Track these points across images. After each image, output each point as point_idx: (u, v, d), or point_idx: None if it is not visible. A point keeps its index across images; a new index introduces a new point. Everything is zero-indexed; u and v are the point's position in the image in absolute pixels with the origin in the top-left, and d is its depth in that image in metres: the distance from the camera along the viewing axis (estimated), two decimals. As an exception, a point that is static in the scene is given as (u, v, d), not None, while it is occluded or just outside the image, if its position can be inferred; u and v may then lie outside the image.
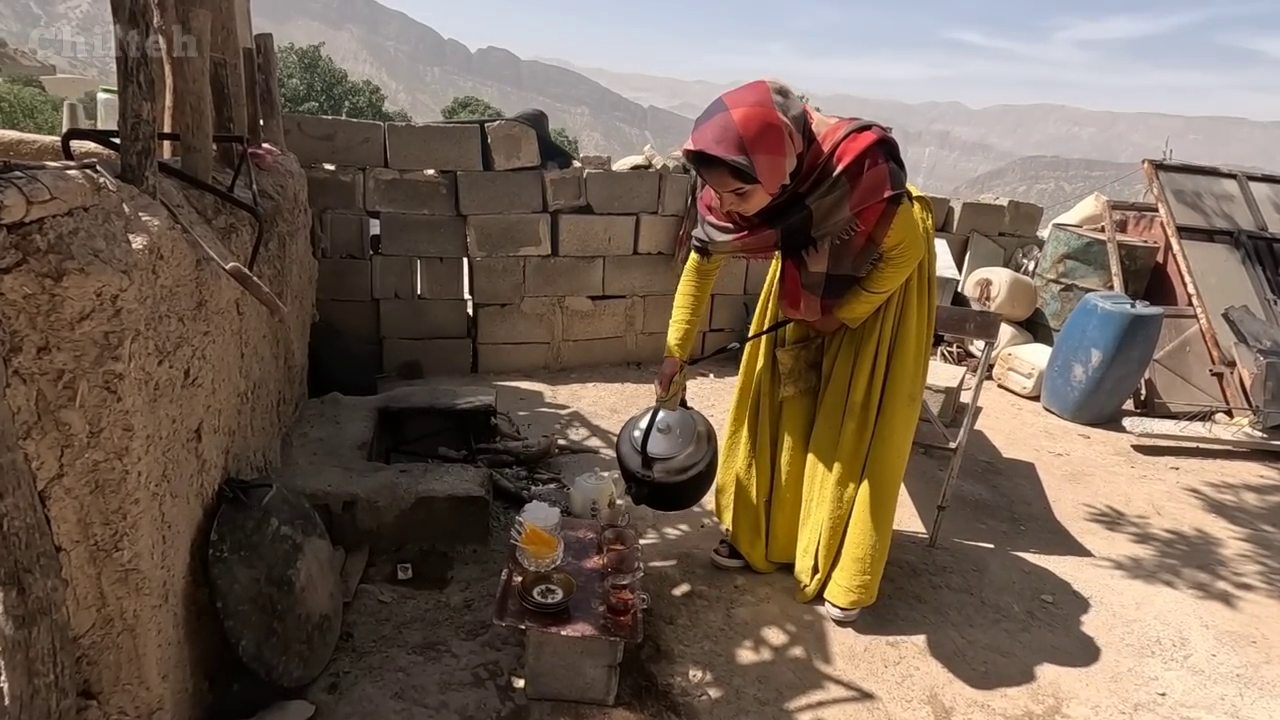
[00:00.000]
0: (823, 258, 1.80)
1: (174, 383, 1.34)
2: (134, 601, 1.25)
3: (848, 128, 1.68)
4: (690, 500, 2.19)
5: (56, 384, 1.09)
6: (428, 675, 1.75)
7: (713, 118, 1.59)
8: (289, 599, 1.62)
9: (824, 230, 1.74)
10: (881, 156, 1.67)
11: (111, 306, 1.10)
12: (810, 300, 1.89)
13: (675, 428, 2.01)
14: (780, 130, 1.58)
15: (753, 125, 1.56)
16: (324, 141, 3.45)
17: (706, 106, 1.64)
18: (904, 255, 1.80)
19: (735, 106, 1.58)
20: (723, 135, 1.56)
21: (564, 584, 1.73)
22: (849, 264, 1.80)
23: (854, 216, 1.71)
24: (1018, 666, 2.00)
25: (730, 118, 1.56)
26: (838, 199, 1.68)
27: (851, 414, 1.99)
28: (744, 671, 1.88)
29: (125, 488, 1.18)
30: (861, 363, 1.97)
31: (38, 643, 1.12)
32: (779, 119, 1.58)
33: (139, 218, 1.24)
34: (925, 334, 1.99)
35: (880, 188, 1.67)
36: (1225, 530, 2.95)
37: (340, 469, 2.27)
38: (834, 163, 1.66)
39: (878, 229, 1.74)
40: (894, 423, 1.98)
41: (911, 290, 1.93)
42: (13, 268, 1.01)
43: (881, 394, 1.97)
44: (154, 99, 1.29)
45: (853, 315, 1.92)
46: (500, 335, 3.96)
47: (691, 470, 2.00)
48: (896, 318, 1.94)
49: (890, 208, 1.71)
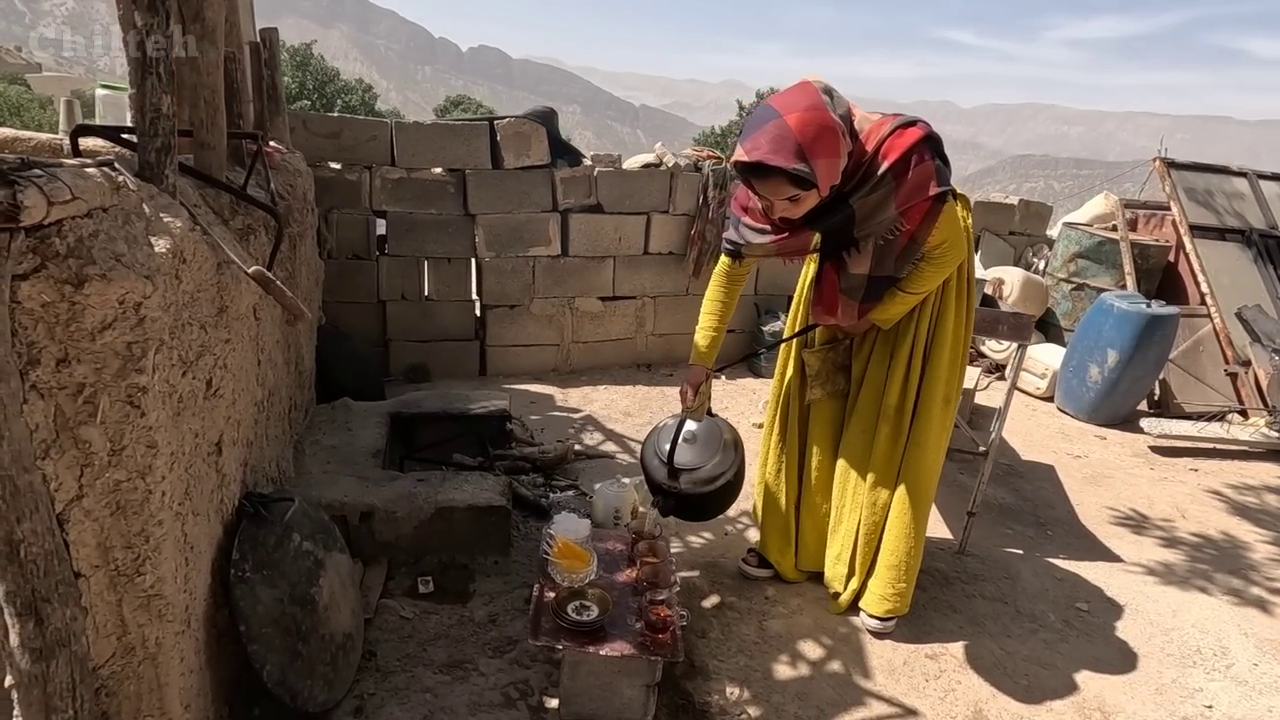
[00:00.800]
0: (865, 259, 1.73)
1: (196, 394, 1.26)
2: (156, 628, 1.17)
3: (892, 123, 1.62)
4: (717, 510, 2.11)
5: (76, 399, 1.01)
6: (456, 696, 1.67)
7: (764, 126, 1.53)
8: (312, 619, 1.55)
9: (867, 230, 1.68)
10: (928, 153, 1.61)
11: (134, 315, 1.02)
12: (848, 306, 1.83)
13: (701, 436, 1.95)
14: (835, 132, 1.53)
15: (809, 130, 1.50)
16: (329, 139, 3.36)
17: (754, 112, 1.58)
18: (946, 255, 1.75)
19: (789, 112, 1.51)
20: (780, 144, 1.50)
21: (599, 600, 1.66)
22: (891, 265, 1.74)
23: (899, 215, 1.65)
24: (1060, 679, 1.94)
25: (786, 124, 1.50)
26: (882, 197, 1.62)
27: (886, 418, 1.93)
28: (782, 688, 1.82)
29: (148, 508, 1.10)
30: (896, 366, 1.91)
31: (56, 677, 1.05)
32: (833, 120, 1.53)
33: (160, 219, 1.16)
34: (963, 337, 1.93)
35: (926, 185, 1.61)
36: (1251, 533, 2.91)
37: (356, 478, 2.19)
38: (879, 160, 1.61)
39: (921, 228, 1.68)
40: (929, 427, 1.92)
41: (950, 291, 1.86)
42: (30, 274, 0.94)
43: (916, 397, 1.91)
44: (174, 92, 1.21)
45: (886, 316, 1.86)
46: (509, 337, 3.88)
47: (719, 480, 1.92)
48: (933, 319, 1.88)
49: (936, 206, 1.65)
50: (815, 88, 1.56)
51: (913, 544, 1.96)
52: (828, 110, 1.53)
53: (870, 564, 2.03)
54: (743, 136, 1.57)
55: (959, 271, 1.86)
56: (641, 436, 3.27)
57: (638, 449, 3.14)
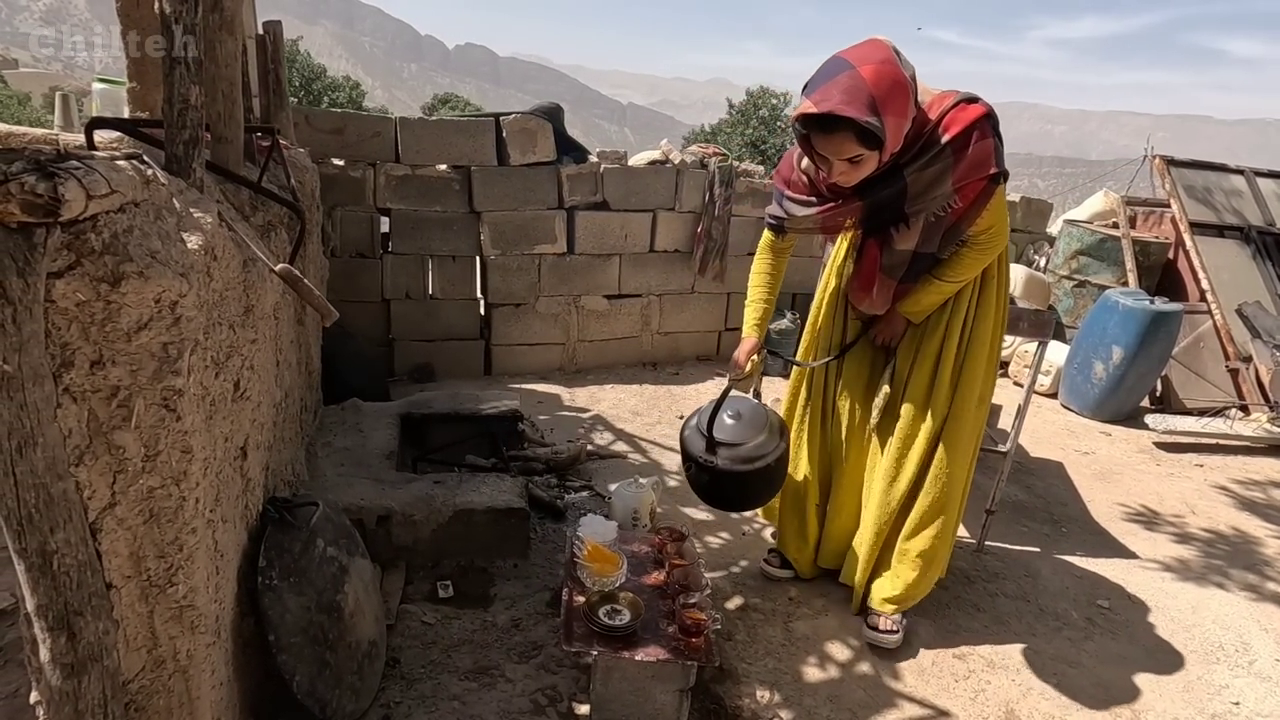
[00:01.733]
0: (913, 235, 1.67)
1: (226, 396, 1.21)
2: (188, 640, 1.13)
3: (956, 97, 1.58)
4: (753, 498, 1.99)
5: (111, 402, 0.96)
6: (485, 704, 1.63)
7: (835, 77, 1.45)
8: (339, 626, 1.50)
9: (919, 205, 1.62)
10: (990, 130, 1.56)
11: (171, 314, 0.98)
12: (885, 284, 1.77)
13: (746, 415, 1.84)
14: (907, 90, 1.46)
15: (884, 83, 1.43)
16: (333, 135, 3.30)
17: (823, 65, 1.50)
18: (991, 241, 1.70)
19: (863, 63, 1.44)
20: (853, 95, 1.42)
21: (631, 604, 1.63)
22: (935, 242, 1.68)
23: (954, 192, 1.59)
24: (1088, 678, 1.93)
25: (859, 75, 1.43)
26: (940, 171, 1.57)
27: (908, 415, 1.88)
28: (813, 690, 1.79)
29: (182, 516, 1.06)
30: (922, 362, 1.86)
31: (88, 693, 1.00)
32: (906, 77, 1.46)
33: (191, 214, 1.11)
34: (999, 333, 1.89)
35: (986, 163, 1.57)
36: (1262, 529, 2.92)
37: (372, 481, 2.14)
38: (939, 132, 1.55)
39: (972, 208, 1.62)
40: (962, 427, 1.86)
41: (990, 284, 1.81)
42: (65, 271, 0.89)
43: (952, 396, 1.87)
44: (202, 83, 1.17)
45: (917, 309, 1.81)
46: (514, 336, 3.83)
47: (759, 461, 1.79)
48: (970, 315, 1.82)
49: (989, 186, 1.60)
50: (887, 44, 1.49)
51: (937, 544, 1.91)
52: (900, 66, 1.46)
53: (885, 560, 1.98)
54: (809, 89, 1.49)
55: (999, 265, 1.82)
56: (652, 436, 3.25)
57: (649, 449, 3.12)
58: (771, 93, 20.85)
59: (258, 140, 1.94)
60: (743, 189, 4.01)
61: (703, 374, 4.13)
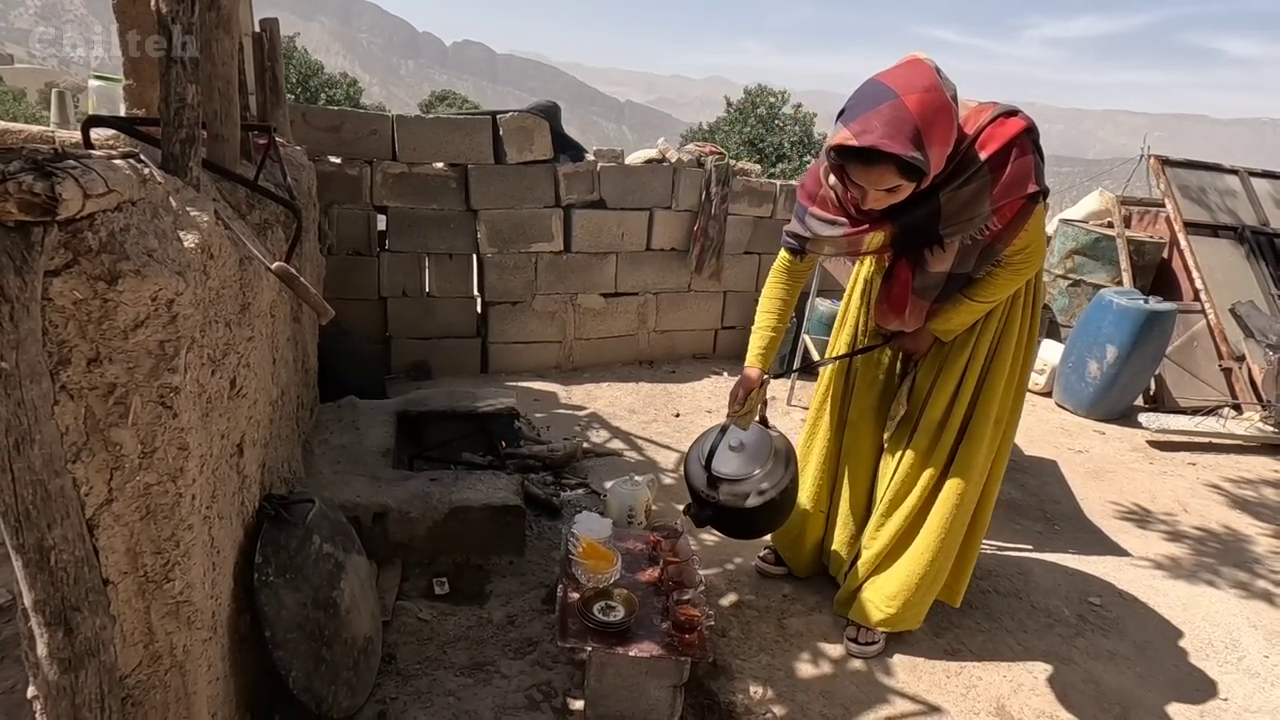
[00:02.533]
0: (948, 258, 1.58)
1: (222, 394, 1.22)
2: (184, 636, 1.14)
3: (994, 111, 1.50)
4: (761, 529, 1.93)
5: (107, 399, 0.97)
6: (480, 700, 1.65)
7: (879, 106, 1.36)
8: (335, 623, 1.51)
9: (954, 226, 1.52)
10: (1029, 146, 1.49)
11: (167, 312, 0.98)
12: (918, 307, 1.70)
13: (750, 447, 1.76)
14: (952, 116, 1.39)
15: (929, 112, 1.35)
16: (330, 133, 3.30)
17: (861, 90, 1.41)
18: (1026, 261, 1.62)
19: (908, 92, 1.36)
20: (898, 128, 1.34)
21: (625, 601, 1.64)
22: (971, 263, 1.60)
23: (991, 213, 1.50)
24: (1078, 674, 1.95)
25: (904, 106, 1.35)
26: (976, 191, 1.48)
27: (925, 431, 1.82)
28: (806, 686, 1.81)
29: (179, 512, 1.07)
30: (945, 380, 1.78)
31: (84, 688, 1.01)
32: (950, 104, 1.39)
33: (187, 213, 1.12)
34: (1026, 356, 1.81)
35: (1024, 182, 1.48)
36: (1253, 527, 2.95)
37: (368, 478, 2.15)
38: (975, 150, 1.47)
39: (1009, 228, 1.53)
40: (978, 448, 1.79)
41: (1018, 305, 1.74)
42: (62, 270, 0.90)
43: (968, 415, 1.79)
44: (199, 82, 1.17)
45: (948, 328, 1.73)
46: (511, 334, 3.84)
47: (762, 496, 1.71)
48: (996, 337, 1.75)
49: (1028, 205, 1.52)
50: (929, 66, 1.41)
51: (930, 565, 1.83)
52: (944, 93, 1.38)
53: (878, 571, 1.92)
54: (847, 116, 1.40)
55: (1029, 285, 1.74)
56: (647, 434, 3.27)
57: (645, 447, 3.13)
58: (769, 91, 20.84)
59: (254, 138, 1.95)
60: (739, 188, 4.02)
61: (700, 372, 4.14)
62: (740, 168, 4.07)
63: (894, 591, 1.88)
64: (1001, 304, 1.73)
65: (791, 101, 20.51)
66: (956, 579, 1.98)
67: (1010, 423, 1.88)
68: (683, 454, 3.07)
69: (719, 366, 4.22)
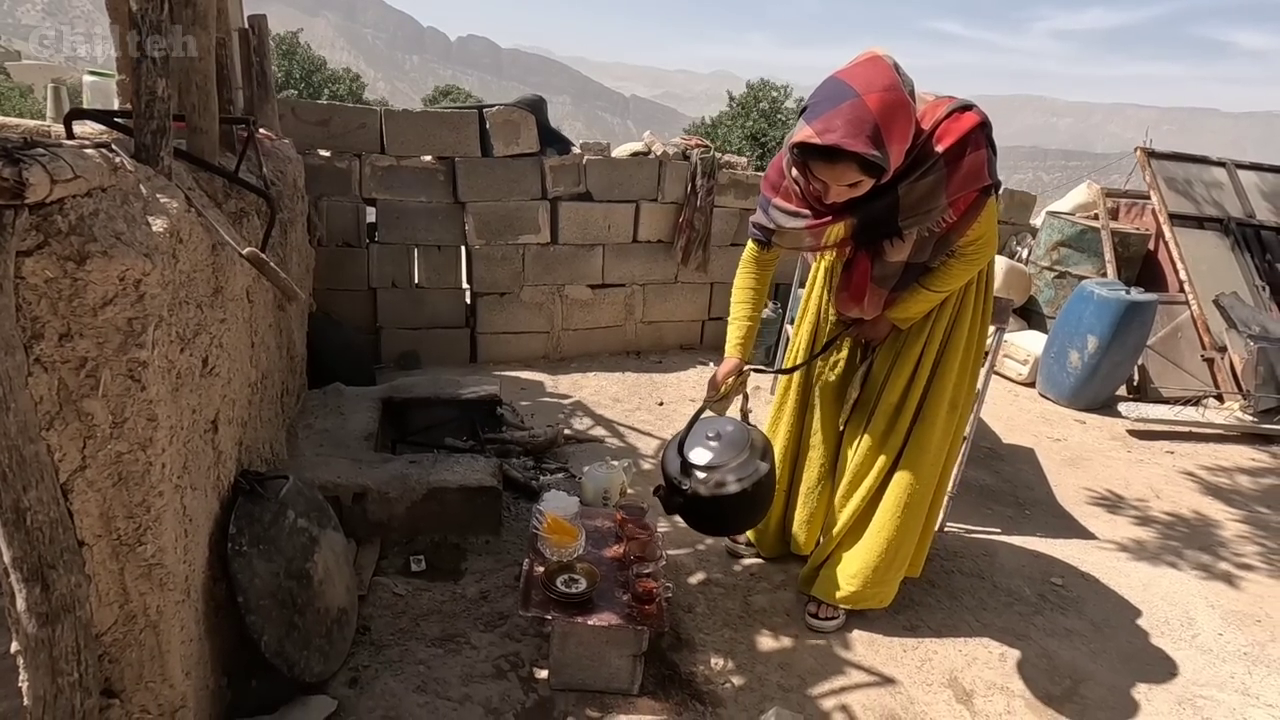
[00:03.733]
0: (905, 248, 1.63)
1: (193, 371, 1.29)
2: (157, 597, 1.21)
3: (949, 106, 1.55)
4: (735, 524, 1.95)
5: (79, 372, 1.04)
6: (449, 668, 1.72)
7: (839, 105, 1.40)
8: (308, 593, 1.59)
9: (912, 218, 1.57)
10: (983, 141, 1.54)
11: (135, 291, 1.05)
12: (876, 294, 1.75)
13: (726, 438, 1.75)
14: (910, 114, 1.44)
15: (888, 111, 1.39)
16: (319, 127, 3.37)
17: (823, 87, 1.45)
18: (979, 252, 1.68)
19: (868, 91, 1.40)
20: (858, 127, 1.38)
21: (587, 574, 1.71)
22: (928, 253, 1.66)
23: (947, 205, 1.55)
24: (1034, 649, 2.01)
25: (865, 105, 1.39)
26: (933, 184, 1.53)
27: (883, 414, 1.88)
28: (765, 659, 1.88)
29: (149, 480, 1.14)
30: (902, 365, 1.85)
31: (61, 641, 1.09)
32: (909, 101, 1.43)
33: (157, 199, 1.19)
34: (978, 341, 1.88)
35: (979, 175, 1.54)
36: (1222, 512, 3.00)
37: (349, 460, 2.22)
38: (932, 144, 1.52)
39: (963, 220, 1.59)
40: (932, 430, 1.86)
41: (970, 293, 1.80)
42: (34, 250, 0.97)
43: (923, 399, 1.86)
44: (169, 75, 1.24)
45: (905, 316, 1.80)
46: (499, 324, 3.91)
47: (734, 486, 1.68)
48: (950, 322, 1.82)
49: (981, 198, 1.57)
50: (888, 63, 1.44)
51: (889, 543, 1.89)
52: (903, 91, 1.43)
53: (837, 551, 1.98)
54: (810, 114, 1.44)
55: (980, 274, 1.80)
56: (630, 421, 3.33)
57: (626, 434, 3.20)
58: (772, 85, 20.85)
59: (238, 131, 2.02)
60: (725, 180, 4.07)
61: (686, 362, 4.21)
62: (726, 160, 4.12)
63: (854, 570, 1.94)
64: (955, 292, 1.79)
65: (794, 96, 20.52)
66: (917, 551, 2.04)
67: (965, 405, 1.95)
68: (664, 441, 3.15)
69: (705, 357, 4.28)
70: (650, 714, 1.65)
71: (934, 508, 2.01)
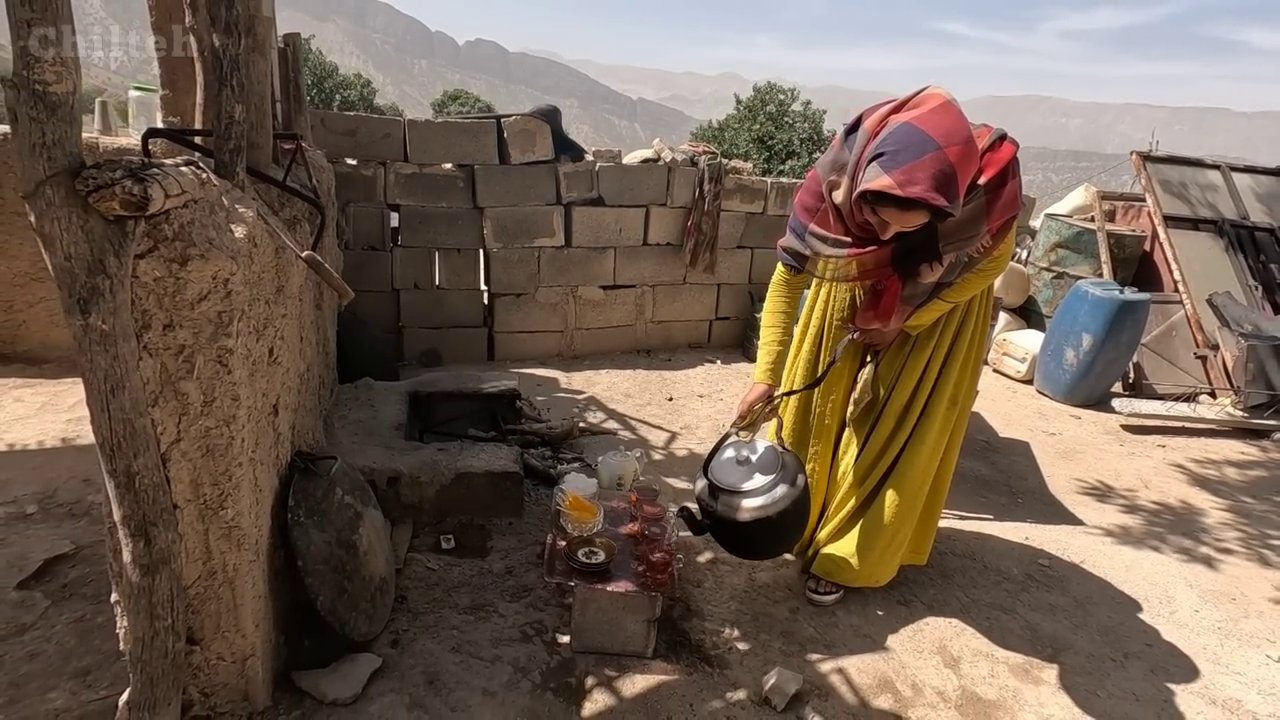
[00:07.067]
0: (940, 270, 1.68)
1: (263, 360, 1.47)
2: (235, 556, 1.39)
3: (990, 136, 1.62)
4: (766, 548, 1.96)
5: (178, 358, 1.22)
6: (480, 632, 1.89)
7: (922, 157, 1.42)
8: (355, 561, 1.76)
9: (952, 244, 1.63)
10: (1017, 170, 1.63)
11: (224, 289, 1.23)
12: (903, 312, 1.80)
13: (757, 463, 1.77)
14: (977, 159, 1.50)
15: (966, 165, 1.45)
16: (346, 137, 3.56)
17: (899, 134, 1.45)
18: (995, 265, 1.77)
19: (949, 145, 1.43)
20: (943, 183, 1.41)
21: (606, 547, 1.88)
22: (956, 274, 1.73)
23: (987, 231, 1.62)
24: (1019, 622, 2.16)
25: (946, 159, 1.42)
26: (974, 211, 1.59)
27: (891, 414, 1.96)
28: (768, 627, 2.04)
29: (231, 452, 1.32)
30: (912, 368, 1.93)
31: (160, 589, 1.26)
32: (978, 150, 1.50)
33: (236, 209, 1.37)
34: (980, 341, 1.97)
35: (1014, 203, 1.63)
36: (1208, 501, 3.13)
37: (382, 448, 2.40)
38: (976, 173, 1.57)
39: (994, 242, 1.67)
40: (931, 425, 1.94)
41: (978, 297, 1.90)
42: (146, 254, 1.15)
43: (929, 397, 1.94)
44: (246, 101, 1.42)
45: (919, 324, 1.87)
46: (516, 324, 4.09)
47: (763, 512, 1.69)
48: (957, 326, 1.91)
49: (1011, 222, 1.67)
50: (958, 109, 1.49)
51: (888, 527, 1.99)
52: (974, 140, 1.48)
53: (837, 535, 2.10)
54: (888, 162, 1.43)
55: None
56: (641, 416, 3.50)
57: (638, 427, 3.37)
58: (779, 88, 20.98)
59: (281, 144, 2.20)
60: (731, 185, 4.24)
61: (694, 360, 4.37)
62: (732, 166, 4.29)
63: (853, 550, 2.08)
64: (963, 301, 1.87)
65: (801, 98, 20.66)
66: (921, 540, 2.16)
67: (966, 400, 2.04)
68: (673, 433, 3.32)
69: (713, 355, 4.45)
70: (663, 674, 1.82)
71: (937, 497, 2.10)
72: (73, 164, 1.00)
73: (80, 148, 1.01)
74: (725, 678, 1.84)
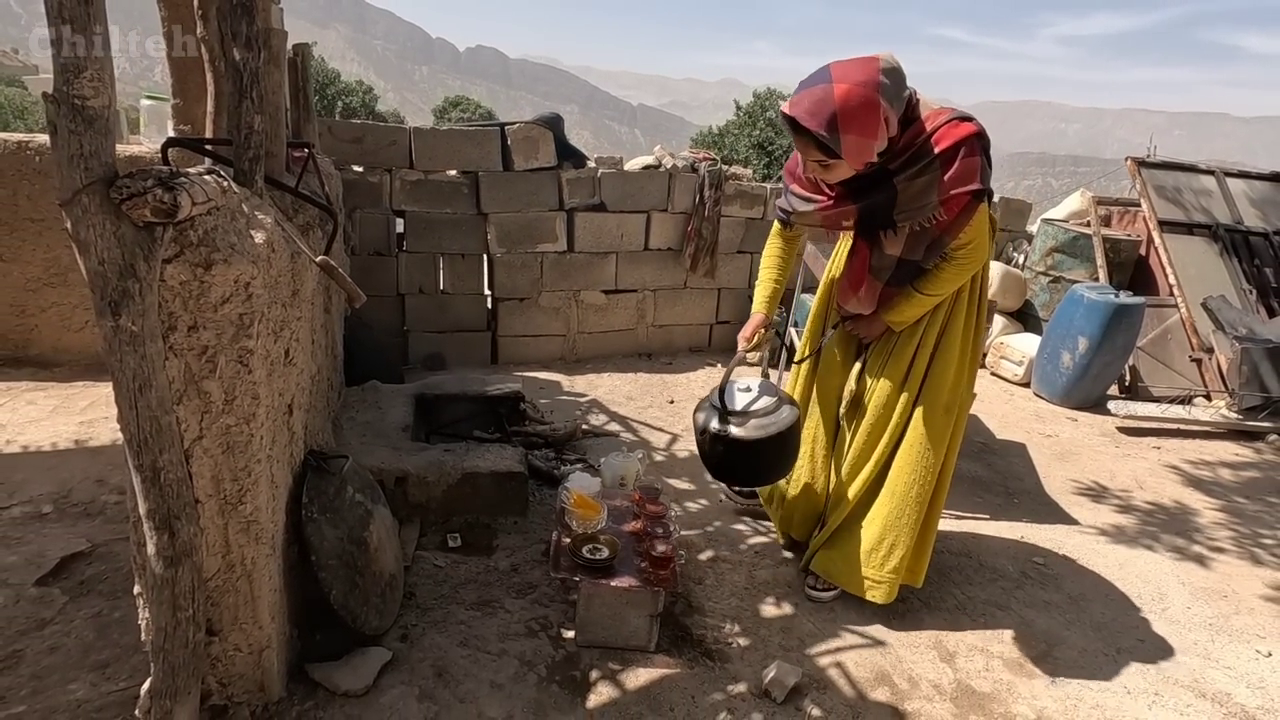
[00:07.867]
0: (899, 241, 1.80)
1: (279, 361, 1.52)
2: (253, 550, 1.44)
3: (951, 114, 1.70)
4: (769, 470, 2.04)
5: (201, 358, 1.28)
6: (487, 627, 1.94)
7: (813, 86, 1.60)
8: (366, 556, 1.81)
9: (907, 213, 1.74)
10: (978, 148, 1.67)
11: (245, 292, 1.29)
12: (873, 286, 1.91)
13: (757, 389, 1.97)
14: (877, 113, 1.58)
15: (850, 103, 1.56)
16: (353, 144, 3.63)
17: (816, 70, 1.64)
18: (969, 257, 1.81)
19: (839, 81, 1.57)
20: (818, 108, 1.58)
21: (609, 543, 1.93)
22: (921, 251, 1.81)
23: (939, 204, 1.70)
24: (1013, 618, 2.21)
25: (830, 91, 1.56)
26: (927, 182, 1.69)
27: (874, 410, 2.02)
28: (768, 624, 2.08)
29: (250, 449, 1.37)
30: (893, 365, 1.98)
31: (182, 580, 1.31)
32: (878, 101, 1.57)
33: (255, 216, 1.42)
34: (973, 345, 1.99)
35: (970, 178, 1.67)
36: (1201, 502, 3.18)
37: (389, 448, 2.45)
38: (930, 145, 1.67)
39: (955, 222, 1.74)
40: (924, 430, 1.97)
41: (962, 298, 1.93)
42: (173, 259, 1.20)
43: (916, 401, 1.98)
44: (265, 112, 1.48)
45: (900, 319, 1.93)
46: (519, 328, 4.14)
47: (771, 427, 1.86)
48: (942, 326, 1.94)
49: (973, 202, 1.71)
50: (878, 67, 1.59)
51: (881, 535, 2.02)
52: (876, 91, 1.57)
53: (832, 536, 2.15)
54: (796, 89, 1.64)
55: (973, 280, 1.92)
56: (642, 418, 3.55)
57: (640, 429, 3.42)
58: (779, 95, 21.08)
59: (292, 152, 2.26)
60: (731, 191, 4.30)
61: (695, 364, 4.43)
62: (732, 172, 4.35)
63: (847, 552, 2.11)
64: (947, 299, 1.92)
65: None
66: (917, 560, 2.13)
67: (962, 409, 2.05)
68: (674, 435, 3.37)
69: (714, 359, 4.50)
70: (665, 668, 1.86)
71: (933, 512, 2.08)
72: (107, 173, 1.05)
73: (114, 158, 1.07)
74: (726, 671, 1.88)
